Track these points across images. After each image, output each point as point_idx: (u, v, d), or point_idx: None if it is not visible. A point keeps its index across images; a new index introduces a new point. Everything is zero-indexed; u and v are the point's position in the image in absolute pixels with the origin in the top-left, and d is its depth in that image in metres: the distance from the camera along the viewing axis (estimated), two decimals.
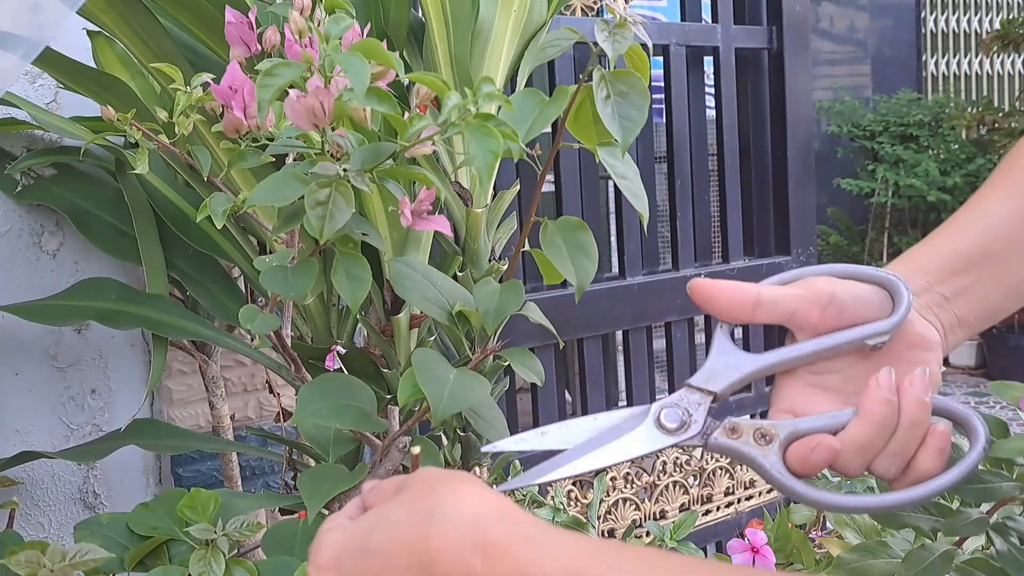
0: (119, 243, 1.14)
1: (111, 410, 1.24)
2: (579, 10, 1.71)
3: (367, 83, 0.64)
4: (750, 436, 0.52)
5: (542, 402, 1.65)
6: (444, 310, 0.84)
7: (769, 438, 0.52)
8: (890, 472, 0.52)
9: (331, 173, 0.71)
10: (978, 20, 6.24)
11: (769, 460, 0.51)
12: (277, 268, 0.74)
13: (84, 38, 1.09)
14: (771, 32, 1.92)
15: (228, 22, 0.78)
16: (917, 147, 5.50)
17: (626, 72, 0.82)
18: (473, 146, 0.67)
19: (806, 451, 0.51)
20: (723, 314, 0.55)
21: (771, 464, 0.51)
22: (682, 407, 0.53)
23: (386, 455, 0.86)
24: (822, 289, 0.55)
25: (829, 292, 0.55)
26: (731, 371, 0.54)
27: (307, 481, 0.80)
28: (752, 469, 0.53)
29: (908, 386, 0.52)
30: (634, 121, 0.80)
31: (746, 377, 0.54)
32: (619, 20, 0.81)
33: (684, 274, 1.81)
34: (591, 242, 0.88)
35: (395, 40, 1.02)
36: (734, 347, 0.55)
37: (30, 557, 0.69)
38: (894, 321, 0.54)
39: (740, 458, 0.52)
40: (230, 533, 0.75)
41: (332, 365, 0.95)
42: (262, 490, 1.40)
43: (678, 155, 1.81)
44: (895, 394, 0.51)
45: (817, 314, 0.54)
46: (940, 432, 0.52)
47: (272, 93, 0.66)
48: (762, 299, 0.54)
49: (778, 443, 0.52)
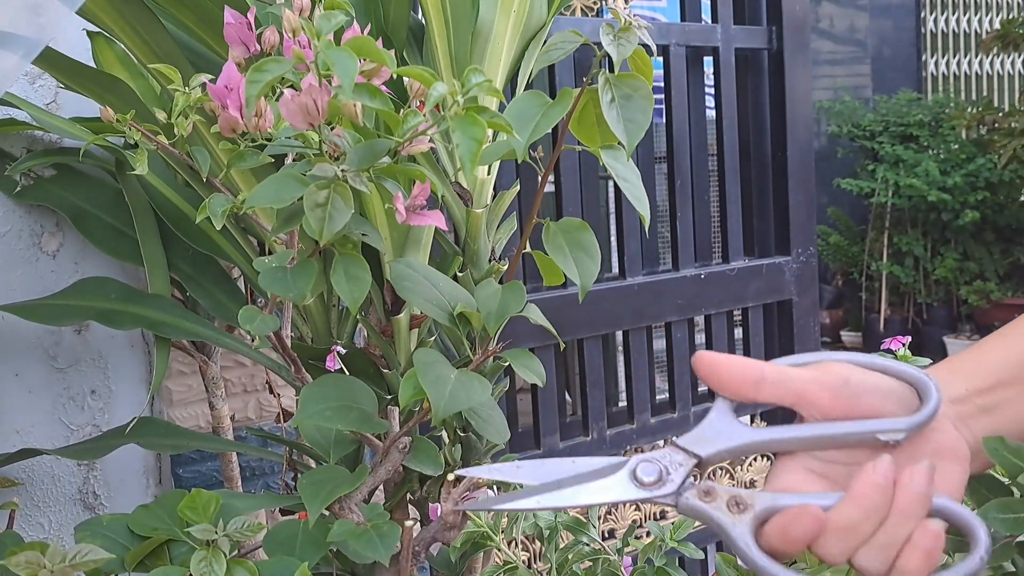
0: (119, 243, 1.14)
1: (111, 411, 1.24)
2: (579, 10, 1.71)
3: (355, 78, 0.64)
4: (723, 502, 0.50)
5: (542, 402, 1.65)
6: (445, 311, 0.84)
7: (743, 507, 0.49)
8: (872, 568, 0.48)
9: (329, 175, 0.71)
10: (978, 20, 6.24)
11: (737, 530, 0.48)
12: (276, 269, 0.74)
13: (84, 38, 1.09)
14: (771, 32, 1.92)
15: (227, 23, 0.78)
16: (917, 147, 5.50)
17: (630, 75, 0.82)
18: (457, 134, 0.67)
19: (788, 519, 0.48)
20: (725, 390, 0.52)
21: (739, 534, 0.48)
22: (662, 464, 0.51)
23: (387, 456, 0.86)
24: (836, 373, 0.51)
25: (844, 377, 0.51)
26: (721, 438, 0.52)
27: (307, 483, 0.80)
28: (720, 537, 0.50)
29: (908, 478, 0.48)
30: (639, 124, 0.80)
31: (737, 448, 0.52)
32: (624, 24, 0.81)
33: (684, 274, 1.81)
34: (593, 242, 0.88)
35: (395, 41, 1.02)
36: (731, 416, 0.53)
37: (30, 558, 0.69)
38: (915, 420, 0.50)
39: (709, 524, 0.50)
40: (231, 534, 0.75)
41: (332, 366, 0.95)
42: (262, 491, 1.40)
43: (678, 155, 1.81)
44: (891, 482, 0.48)
45: (827, 398, 0.51)
46: (931, 531, 0.47)
47: (260, 89, 0.66)
48: (766, 377, 0.51)
49: (752, 514, 0.49)
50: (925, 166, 5.27)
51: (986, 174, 5.23)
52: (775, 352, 2.00)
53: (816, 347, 2.03)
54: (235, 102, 0.76)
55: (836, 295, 6.02)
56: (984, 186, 5.28)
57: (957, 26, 6.23)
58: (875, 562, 0.48)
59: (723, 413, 0.53)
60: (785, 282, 1.96)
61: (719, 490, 0.50)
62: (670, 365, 1.85)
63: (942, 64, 6.27)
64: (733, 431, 0.52)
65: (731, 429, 0.52)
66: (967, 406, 0.53)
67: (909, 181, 5.27)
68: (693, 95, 1.84)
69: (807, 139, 1.96)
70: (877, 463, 0.48)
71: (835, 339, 5.99)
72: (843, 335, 5.96)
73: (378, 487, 0.91)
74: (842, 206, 5.96)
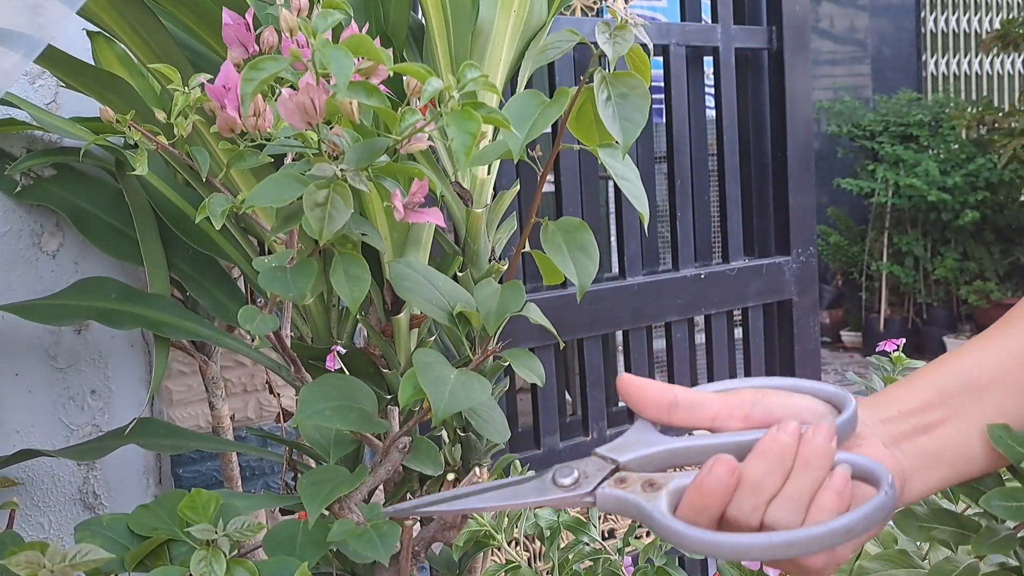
0: (119, 243, 1.14)
1: (111, 411, 1.24)
2: (579, 10, 1.71)
3: (350, 76, 0.64)
4: (638, 485, 0.51)
5: (542, 402, 1.65)
6: (445, 311, 0.84)
7: (657, 487, 0.51)
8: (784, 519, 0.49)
9: (328, 174, 0.71)
10: (978, 20, 6.24)
11: (652, 504, 0.50)
12: (276, 269, 0.74)
13: (84, 38, 1.09)
14: (771, 32, 1.92)
15: (225, 23, 0.78)
16: (917, 147, 5.50)
17: (627, 74, 0.82)
18: (452, 128, 0.67)
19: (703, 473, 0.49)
20: (641, 413, 0.54)
21: (654, 507, 0.50)
22: (580, 470, 0.53)
23: (387, 456, 0.86)
24: (747, 397, 0.54)
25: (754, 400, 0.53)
26: (640, 446, 0.53)
27: (307, 484, 0.80)
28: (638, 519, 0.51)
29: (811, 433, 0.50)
30: (635, 123, 0.80)
31: (655, 454, 0.53)
32: (620, 22, 0.81)
33: (684, 274, 1.81)
34: (592, 242, 0.88)
35: (395, 40, 1.02)
36: (651, 428, 0.54)
37: (30, 558, 0.69)
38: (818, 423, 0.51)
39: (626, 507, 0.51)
40: (231, 533, 0.75)
41: (332, 365, 0.95)
42: (262, 490, 1.40)
43: (678, 155, 1.81)
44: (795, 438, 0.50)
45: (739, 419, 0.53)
46: (838, 474, 0.49)
47: (255, 87, 0.66)
48: (679, 402, 0.54)
49: (665, 491, 0.50)
50: (925, 166, 5.27)
51: (986, 174, 5.23)
52: (775, 352, 2.00)
53: (816, 347, 2.03)
54: (233, 102, 0.76)
55: (836, 295, 6.02)
56: (984, 186, 5.28)
57: (957, 26, 6.23)
58: (787, 513, 0.49)
59: (644, 425, 0.55)
60: (785, 282, 1.96)
61: (632, 476, 0.52)
62: (670, 365, 1.85)
63: (942, 64, 6.27)
64: (652, 440, 0.54)
65: (649, 438, 0.54)
66: (900, 426, 0.54)
67: (909, 181, 5.27)
68: (693, 95, 1.84)
69: (807, 139, 1.96)
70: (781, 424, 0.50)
71: (835, 339, 5.99)
72: (843, 335, 5.96)
73: (378, 487, 0.91)
74: (842, 206, 5.96)
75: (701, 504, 0.49)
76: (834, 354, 5.76)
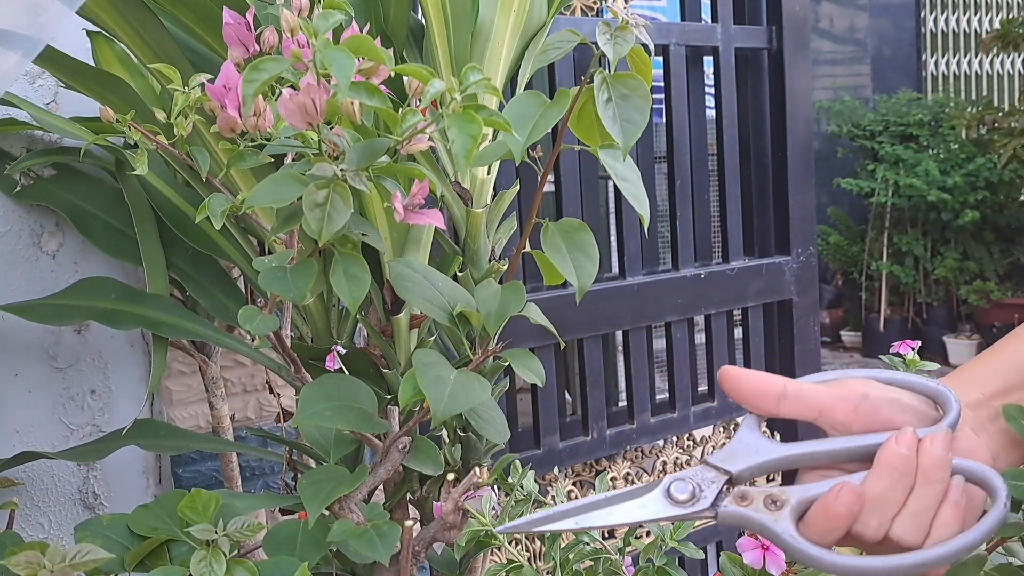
0: (119, 243, 1.14)
1: (111, 411, 1.24)
2: (579, 10, 1.71)
3: (351, 76, 0.64)
4: (760, 502, 0.51)
5: (542, 402, 1.65)
6: (445, 311, 0.84)
7: (780, 503, 0.51)
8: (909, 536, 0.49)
9: (328, 174, 0.71)
10: (978, 20, 6.24)
11: (780, 524, 0.50)
12: (276, 269, 0.74)
13: (84, 38, 1.09)
14: (771, 32, 1.92)
15: (226, 23, 0.78)
16: (917, 147, 5.50)
17: (628, 75, 0.82)
18: (453, 130, 0.67)
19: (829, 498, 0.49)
20: (748, 404, 0.54)
21: (783, 528, 0.50)
22: (694, 482, 0.52)
23: (387, 456, 0.86)
24: (855, 389, 0.53)
25: (862, 392, 0.53)
26: (751, 455, 0.53)
27: (307, 484, 0.80)
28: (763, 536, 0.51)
29: (927, 443, 0.50)
30: (635, 124, 0.80)
31: (767, 464, 0.53)
32: (621, 22, 0.80)
33: (684, 274, 1.81)
34: (592, 243, 0.87)
35: (395, 40, 1.02)
36: (759, 433, 0.54)
37: (30, 558, 0.69)
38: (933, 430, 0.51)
39: (751, 525, 0.51)
40: (231, 534, 0.75)
41: (332, 365, 0.95)
42: (262, 490, 1.40)
43: (678, 155, 1.81)
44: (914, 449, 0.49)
45: (846, 413, 0.53)
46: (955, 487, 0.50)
47: (256, 88, 0.66)
48: (788, 392, 0.53)
49: (789, 508, 0.50)
50: (925, 166, 5.27)
51: (986, 174, 5.23)
52: (775, 352, 2.00)
53: (816, 347, 2.03)
54: (233, 102, 0.76)
55: (836, 295, 6.02)
56: (984, 186, 5.28)
57: (957, 26, 6.23)
58: (911, 530, 0.49)
59: (751, 429, 0.54)
60: (785, 282, 1.96)
61: (753, 492, 0.52)
62: (670, 365, 1.85)
63: (942, 64, 6.27)
64: (762, 447, 0.53)
65: (760, 445, 0.53)
66: (985, 410, 0.55)
67: (909, 181, 5.27)
68: (693, 95, 1.84)
69: (807, 139, 1.96)
70: (899, 434, 0.50)
71: (835, 339, 5.99)
72: (843, 335, 5.96)
73: (378, 487, 0.91)
74: (842, 206, 5.96)
75: (827, 528, 0.49)
76: (834, 354, 5.77)
